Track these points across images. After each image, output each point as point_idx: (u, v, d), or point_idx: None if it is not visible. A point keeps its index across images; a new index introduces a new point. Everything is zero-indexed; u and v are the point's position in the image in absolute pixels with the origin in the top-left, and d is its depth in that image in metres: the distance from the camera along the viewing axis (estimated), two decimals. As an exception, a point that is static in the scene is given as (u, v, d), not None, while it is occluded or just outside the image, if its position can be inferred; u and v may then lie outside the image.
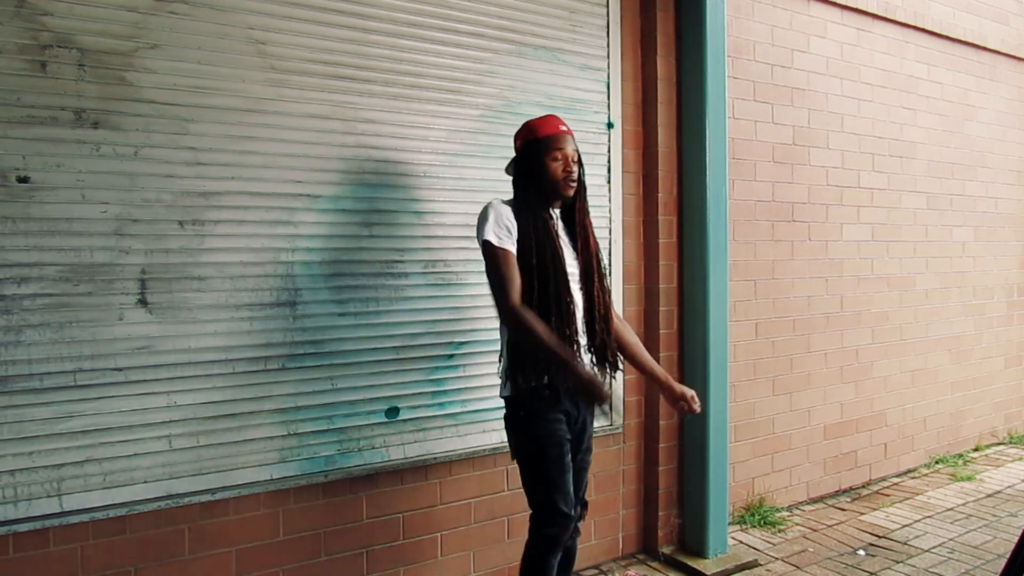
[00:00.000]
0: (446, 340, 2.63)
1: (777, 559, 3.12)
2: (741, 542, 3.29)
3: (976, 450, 4.72)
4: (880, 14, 4.06)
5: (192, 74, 2.18)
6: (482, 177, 2.68)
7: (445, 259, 2.62)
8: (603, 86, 3.01)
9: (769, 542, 3.30)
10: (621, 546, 3.15)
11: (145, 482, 2.15)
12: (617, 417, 3.05)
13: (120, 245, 2.09)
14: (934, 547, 3.21)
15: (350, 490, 2.49)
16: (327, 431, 2.43)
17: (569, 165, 2.12)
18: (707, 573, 2.95)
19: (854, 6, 3.94)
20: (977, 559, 3.07)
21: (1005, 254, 4.90)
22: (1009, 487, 4.02)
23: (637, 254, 3.13)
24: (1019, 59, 4.90)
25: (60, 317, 2.02)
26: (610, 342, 2.22)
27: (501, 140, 2.71)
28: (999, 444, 4.87)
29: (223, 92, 2.23)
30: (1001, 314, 4.90)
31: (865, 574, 2.97)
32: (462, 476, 2.72)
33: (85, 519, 2.07)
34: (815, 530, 3.45)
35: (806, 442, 3.83)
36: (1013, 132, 4.90)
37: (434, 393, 2.63)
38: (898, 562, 3.07)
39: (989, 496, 3.87)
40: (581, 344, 2.13)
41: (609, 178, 3.02)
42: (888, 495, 3.94)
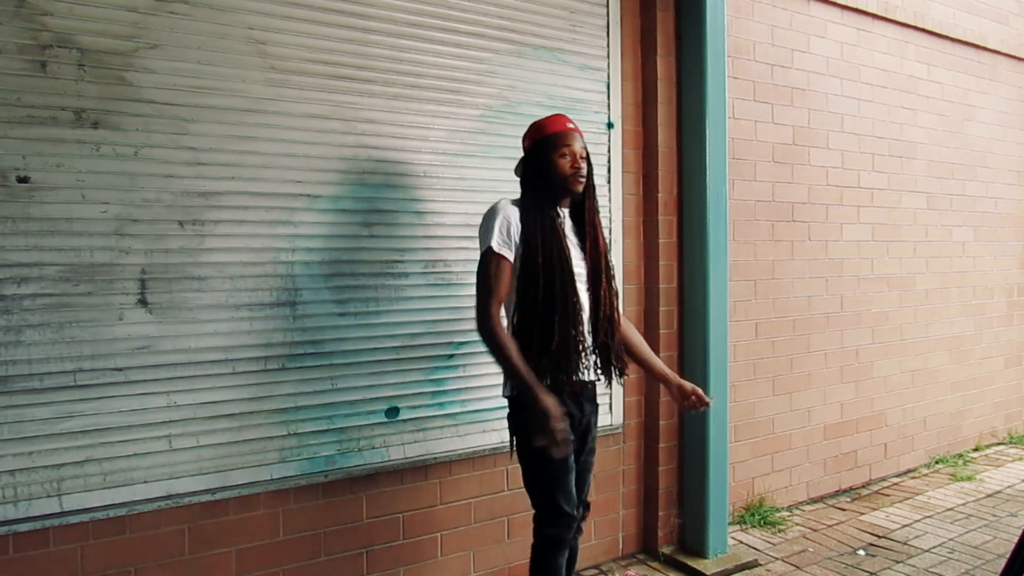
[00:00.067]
0: (446, 340, 2.63)
1: (777, 559, 3.12)
2: (741, 542, 3.29)
3: (976, 450, 4.72)
4: (880, 14, 4.06)
5: (192, 74, 2.18)
6: (482, 177, 2.68)
7: (445, 259, 2.62)
8: (603, 86, 3.01)
9: (769, 542, 3.30)
10: (621, 546, 3.15)
11: (145, 482, 2.15)
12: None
13: (120, 245, 2.09)
14: (934, 547, 3.21)
15: (350, 490, 2.49)
16: (327, 431, 2.43)
17: (577, 161, 2.11)
18: (707, 573, 2.95)
19: (854, 6, 3.94)
20: (977, 559, 3.07)
21: (1005, 254, 4.90)
22: (1009, 487, 4.02)
23: (637, 254, 3.13)
24: (1019, 59, 4.90)
25: (60, 317, 2.02)
26: (615, 344, 2.20)
27: (501, 140, 2.71)
28: (999, 444, 4.87)
29: (223, 92, 2.23)
30: (1001, 314, 4.90)
31: (865, 574, 2.97)
32: (462, 476, 2.72)
33: (85, 519, 2.07)
34: (815, 530, 3.45)
35: (806, 442, 3.84)
36: (1013, 132, 4.90)
37: (434, 393, 2.63)
38: (898, 562, 3.07)
39: (989, 496, 3.87)
40: (586, 345, 2.12)
41: (609, 178, 3.02)
42: (888, 495, 3.94)
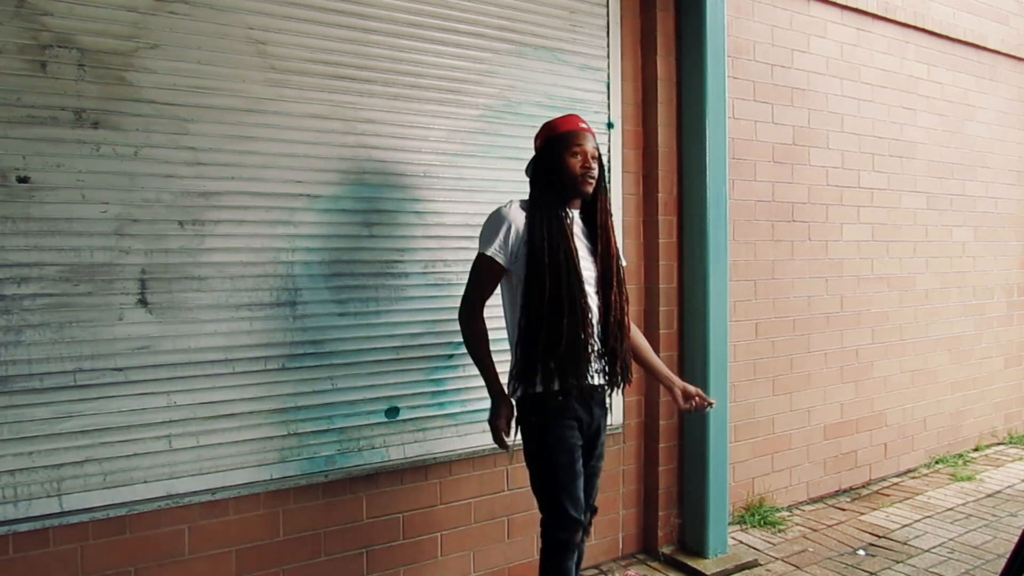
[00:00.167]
0: (446, 340, 2.63)
1: (777, 559, 3.12)
2: (741, 542, 3.29)
3: (976, 450, 4.72)
4: (880, 14, 4.06)
5: (192, 74, 2.18)
6: (482, 177, 2.68)
7: (445, 259, 2.62)
8: (603, 86, 3.01)
9: (769, 542, 3.30)
10: (621, 546, 3.15)
11: (145, 482, 2.15)
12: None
13: (120, 245, 2.09)
14: (934, 547, 3.21)
15: (350, 490, 2.49)
16: (327, 431, 2.43)
17: (588, 161, 2.09)
18: (707, 573, 2.95)
19: (854, 6, 3.94)
20: (977, 559, 3.07)
21: (1005, 254, 4.90)
22: (1009, 487, 4.02)
23: (637, 254, 3.13)
24: (1019, 59, 4.90)
25: (60, 317, 2.02)
26: (624, 350, 2.18)
27: (501, 140, 2.71)
28: (999, 444, 4.87)
29: (223, 92, 2.23)
30: (1001, 314, 4.90)
31: (865, 574, 2.97)
32: (462, 476, 2.72)
33: (85, 519, 2.07)
34: (815, 530, 3.45)
35: (806, 442, 3.83)
36: (1013, 132, 4.90)
37: (434, 393, 2.63)
38: (898, 562, 3.07)
39: (989, 496, 3.87)
40: (595, 349, 2.09)
41: (609, 178, 3.01)
42: (888, 495, 3.94)
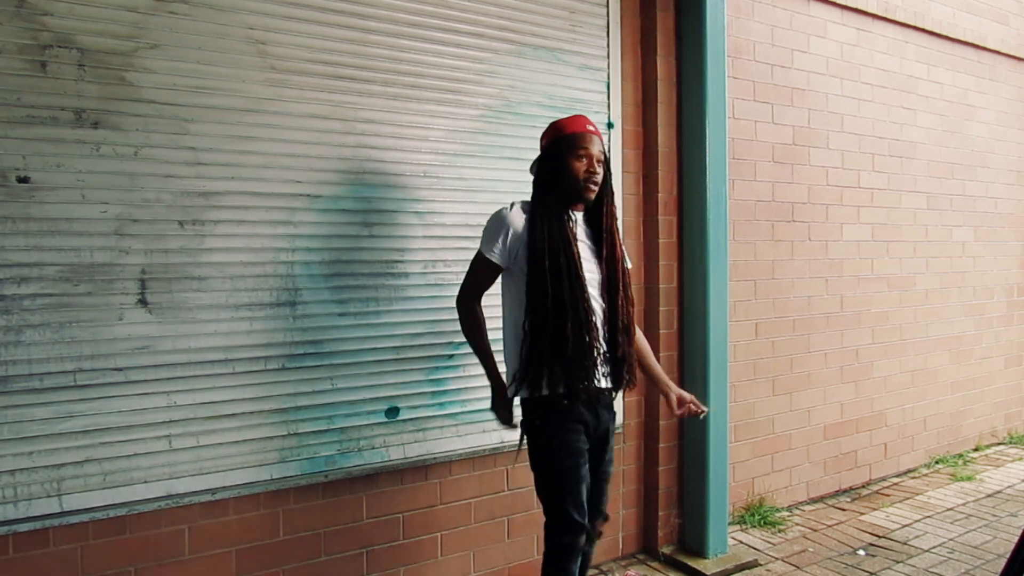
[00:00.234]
0: (446, 340, 2.63)
1: (777, 559, 3.12)
2: (741, 542, 3.29)
3: (976, 450, 4.72)
4: (880, 14, 4.06)
5: (192, 74, 2.18)
6: (482, 177, 2.68)
7: (445, 259, 2.62)
8: (603, 86, 3.01)
9: (769, 542, 3.30)
10: (621, 546, 3.15)
11: (145, 482, 2.15)
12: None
13: (120, 245, 2.09)
14: (934, 547, 3.21)
15: (350, 490, 2.49)
16: (327, 431, 2.43)
17: (593, 165, 2.07)
18: (707, 573, 2.95)
19: (854, 6, 3.94)
20: (977, 559, 3.07)
21: (1005, 254, 4.90)
22: (1009, 487, 4.02)
23: (637, 254, 3.13)
24: (1019, 59, 4.90)
25: (60, 317, 2.02)
26: (629, 354, 2.16)
27: (501, 140, 2.71)
28: (999, 444, 4.87)
29: (223, 92, 2.23)
30: (1001, 314, 4.90)
31: (865, 574, 2.97)
32: (462, 476, 2.72)
33: (85, 519, 2.07)
34: (815, 530, 3.45)
35: (806, 442, 3.83)
36: (1013, 132, 4.90)
37: (434, 393, 2.63)
38: (898, 562, 3.07)
39: (989, 496, 3.87)
40: (601, 352, 2.07)
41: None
42: (888, 495, 3.94)
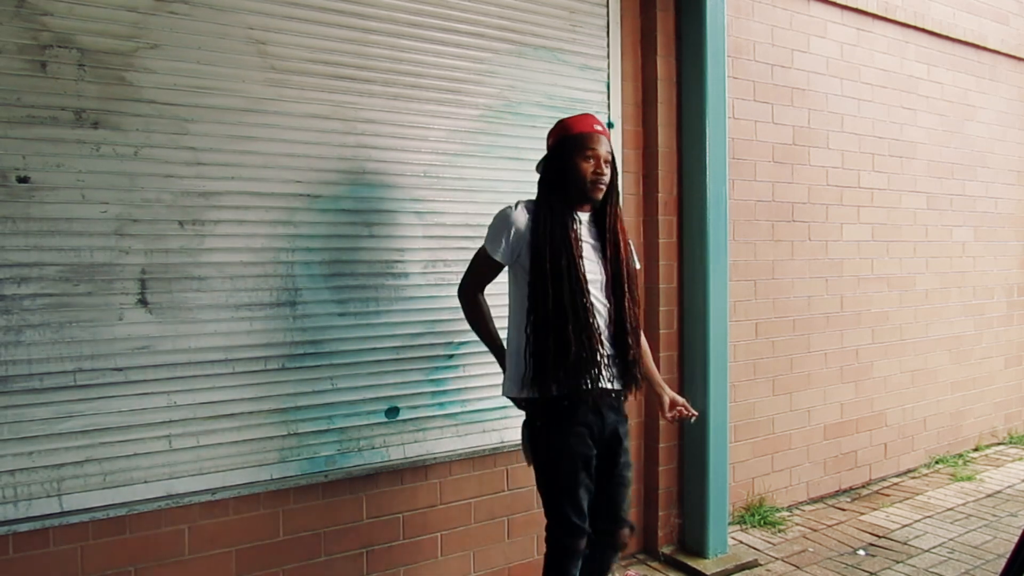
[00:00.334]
0: (446, 340, 2.63)
1: (777, 559, 3.12)
2: (741, 542, 3.29)
3: (976, 450, 4.72)
4: (880, 14, 4.06)
5: (192, 74, 2.18)
6: (482, 177, 2.68)
7: (445, 259, 2.62)
8: (603, 86, 3.01)
9: (769, 542, 3.30)
10: (621, 546, 3.15)
11: (145, 482, 2.15)
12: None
13: (120, 245, 2.09)
14: (934, 547, 3.21)
15: (350, 490, 2.49)
16: (327, 431, 2.43)
17: (600, 166, 2.05)
18: (707, 573, 2.95)
19: (854, 6, 3.94)
20: (977, 559, 3.07)
21: (1005, 254, 4.90)
22: (1009, 487, 4.02)
23: (637, 254, 3.12)
24: (1019, 59, 4.90)
25: (60, 317, 2.02)
26: (635, 356, 2.13)
27: (501, 140, 2.71)
28: (999, 444, 4.87)
29: (223, 92, 2.23)
30: (1001, 314, 4.90)
31: (865, 574, 2.97)
32: (462, 476, 2.72)
33: (85, 519, 2.07)
34: (815, 530, 3.45)
35: (806, 442, 3.83)
36: (1013, 132, 4.90)
37: (434, 393, 2.63)
38: (898, 562, 3.07)
39: (989, 496, 3.87)
40: (604, 354, 2.05)
41: (609, 178, 3.02)
42: (888, 495, 3.94)
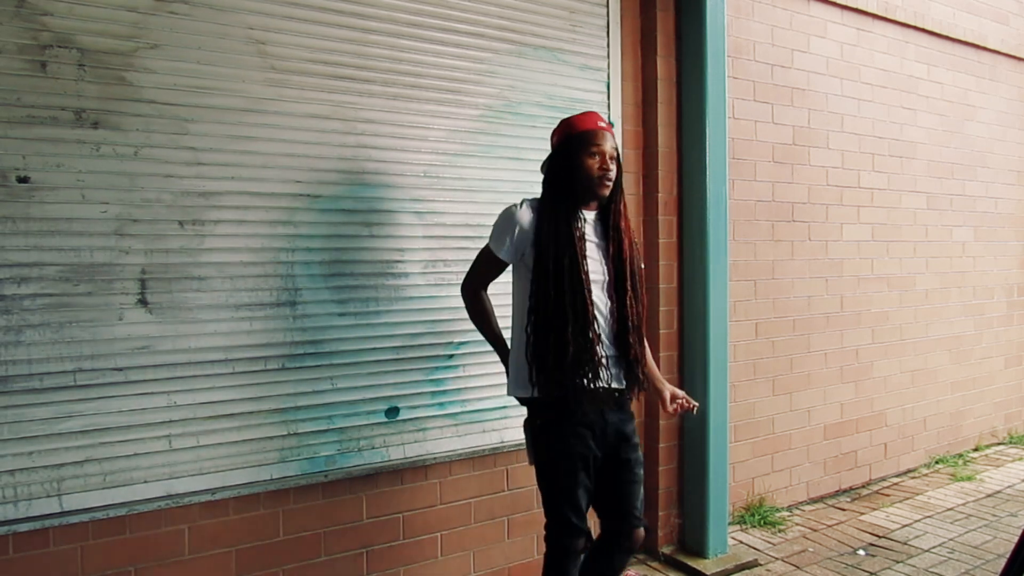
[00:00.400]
0: (446, 340, 2.63)
1: (777, 559, 3.12)
2: (741, 542, 3.29)
3: (976, 450, 4.72)
4: (880, 14, 4.06)
5: (192, 74, 2.18)
6: (482, 177, 2.68)
7: (445, 259, 2.62)
8: (603, 86, 3.01)
9: (769, 542, 3.30)
10: (621, 546, 3.15)
11: (145, 482, 2.15)
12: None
13: (120, 245, 2.09)
14: (934, 547, 3.21)
15: (350, 490, 2.49)
16: (327, 431, 2.43)
17: (606, 162, 2.03)
18: (707, 573, 2.95)
19: (854, 6, 3.94)
20: (977, 559, 3.07)
21: (1005, 254, 4.90)
22: (1009, 487, 4.02)
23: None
24: (1019, 59, 4.90)
25: (60, 317, 2.02)
26: (638, 355, 2.11)
27: (501, 140, 2.71)
28: (999, 444, 4.87)
29: (223, 92, 2.23)
30: (1001, 314, 4.90)
31: (865, 574, 2.97)
32: (462, 476, 2.72)
33: (85, 519, 2.07)
34: (815, 530, 3.45)
35: (806, 442, 3.83)
36: (1013, 132, 4.90)
37: (434, 393, 2.63)
38: (898, 562, 3.07)
39: (989, 496, 3.87)
40: (607, 355, 2.04)
41: (609, 178, 3.02)
42: (888, 495, 3.94)
